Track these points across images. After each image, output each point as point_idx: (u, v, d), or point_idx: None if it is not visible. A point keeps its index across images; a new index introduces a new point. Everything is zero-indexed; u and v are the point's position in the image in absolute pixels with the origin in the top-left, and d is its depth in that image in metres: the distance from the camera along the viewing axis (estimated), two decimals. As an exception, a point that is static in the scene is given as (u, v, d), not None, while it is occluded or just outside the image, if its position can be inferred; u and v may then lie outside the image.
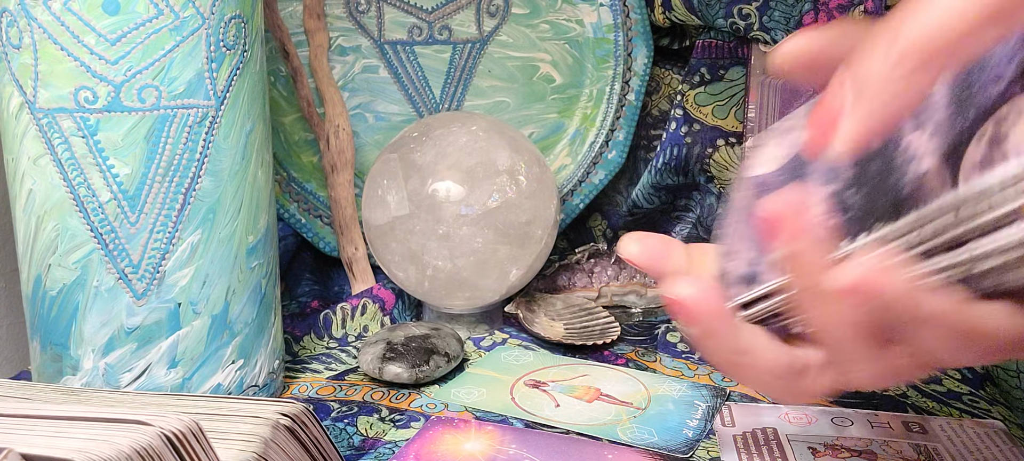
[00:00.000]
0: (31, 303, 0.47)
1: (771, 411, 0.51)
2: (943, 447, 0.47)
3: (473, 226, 0.58)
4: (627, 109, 0.71)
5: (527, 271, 0.62)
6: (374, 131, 0.71)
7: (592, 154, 0.71)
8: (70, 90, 0.43)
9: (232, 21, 0.46)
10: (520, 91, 0.71)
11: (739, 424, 0.50)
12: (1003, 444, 0.47)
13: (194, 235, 0.46)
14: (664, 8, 0.68)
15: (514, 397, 0.53)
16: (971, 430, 0.48)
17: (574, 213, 0.72)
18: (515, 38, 0.70)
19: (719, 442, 0.48)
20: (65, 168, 0.44)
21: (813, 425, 0.49)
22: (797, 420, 0.50)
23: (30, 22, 0.43)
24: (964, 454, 0.46)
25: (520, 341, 0.62)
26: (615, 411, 0.51)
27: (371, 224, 0.61)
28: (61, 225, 0.45)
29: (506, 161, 0.59)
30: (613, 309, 0.70)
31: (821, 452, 0.47)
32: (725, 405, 0.52)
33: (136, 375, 0.46)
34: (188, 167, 0.45)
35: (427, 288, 0.61)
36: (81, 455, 0.26)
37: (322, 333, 0.63)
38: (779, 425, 0.49)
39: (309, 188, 0.69)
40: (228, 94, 0.46)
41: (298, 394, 0.55)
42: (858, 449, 0.47)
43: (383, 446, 0.48)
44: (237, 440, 0.33)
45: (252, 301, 0.49)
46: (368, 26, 0.69)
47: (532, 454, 0.45)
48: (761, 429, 0.49)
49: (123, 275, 0.45)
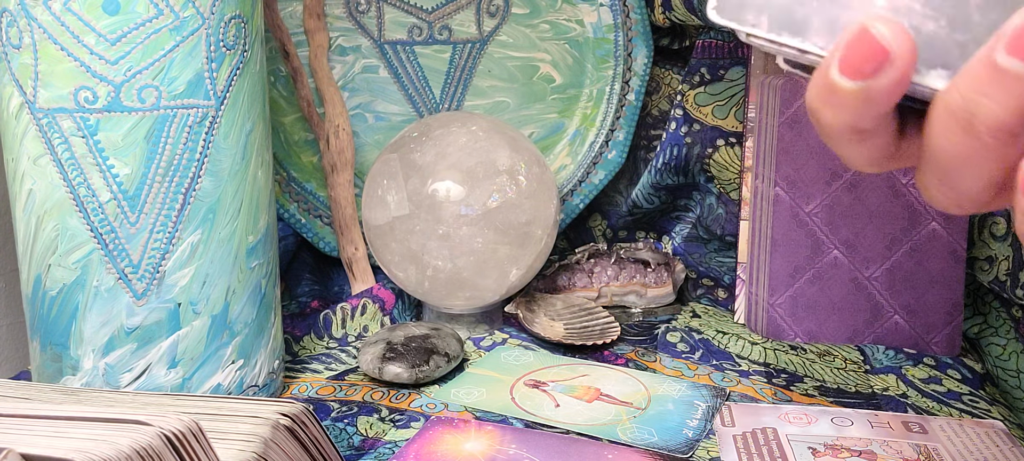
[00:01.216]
0: (31, 303, 0.47)
1: (771, 411, 0.51)
2: (943, 447, 0.47)
3: (473, 226, 0.58)
4: (627, 109, 0.71)
5: (527, 271, 0.62)
6: (374, 131, 0.71)
7: (592, 154, 0.71)
8: (70, 90, 0.43)
9: (232, 21, 0.46)
10: (520, 91, 0.71)
11: (739, 424, 0.50)
12: (1003, 444, 0.47)
13: (194, 235, 0.46)
14: (664, 8, 0.68)
15: (514, 397, 0.53)
16: (971, 430, 0.48)
17: (574, 213, 0.72)
18: (515, 38, 0.70)
19: (719, 442, 0.48)
20: (65, 168, 0.44)
21: (813, 425, 0.49)
22: (797, 420, 0.50)
23: (30, 22, 0.43)
24: (964, 454, 0.46)
25: (520, 341, 0.62)
26: (615, 411, 0.51)
27: (371, 224, 0.61)
28: (61, 225, 0.45)
29: (506, 161, 0.59)
30: (613, 309, 0.70)
31: (821, 452, 0.47)
32: (725, 405, 0.52)
33: (136, 375, 0.46)
34: (188, 167, 0.45)
35: (427, 288, 0.61)
36: (81, 455, 0.26)
37: (322, 333, 0.63)
38: (779, 425, 0.49)
39: (309, 188, 0.69)
40: (228, 94, 0.46)
41: (298, 394, 0.55)
42: (858, 449, 0.47)
43: (383, 446, 0.48)
44: (237, 440, 0.33)
45: (252, 301, 0.49)
46: (368, 26, 0.69)
47: (532, 454, 0.45)
48: (761, 429, 0.49)
49: (123, 275, 0.45)
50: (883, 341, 0.60)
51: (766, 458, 0.46)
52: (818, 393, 0.53)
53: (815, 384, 0.55)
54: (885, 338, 0.60)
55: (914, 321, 0.59)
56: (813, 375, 0.56)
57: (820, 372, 0.56)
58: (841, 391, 0.54)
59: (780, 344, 0.60)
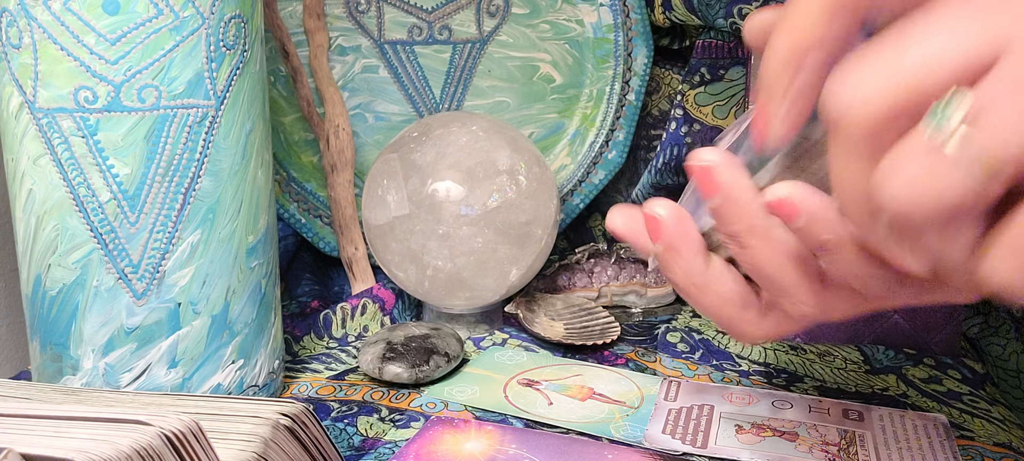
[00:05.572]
0: (31, 303, 0.47)
1: (717, 390, 0.51)
2: (871, 434, 0.47)
3: (473, 226, 0.58)
4: (627, 109, 0.71)
5: (527, 271, 0.62)
6: (374, 131, 0.71)
7: (592, 154, 0.71)
8: (70, 90, 0.43)
9: (232, 21, 0.46)
10: (520, 91, 0.71)
11: (681, 400, 0.50)
12: (936, 435, 0.47)
13: (194, 235, 0.46)
14: (664, 8, 0.68)
15: (507, 395, 0.53)
16: (910, 422, 0.48)
17: (574, 213, 0.72)
18: (515, 38, 0.70)
19: (652, 414, 0.48)
20: (65, 168, 0.44)
21: (752, 405, 0.50)
22: (739, 399, 0.51)
23: (30, 22, 0.43)
24: (890, 442, 0.46)
25: (520, 341, 0.62)
26: (608, 410, 0.51)
27: (371, 224, 0.61)
28: (61, 225, 0.45)
29: (506, 161, 0.59)
30: (613, 309, 0.70)
31: (746, 430, 0.47)
32: (675, 383, 0.52)
33: (136, 375, 0.46)
34: (188, 167, 0.45)
35: (427, 288, 0.61)
36: (81, 455, 0.26)
37: (322, 333, 0.63)
38: (718, 403, 0.50)
39: (309, 188, 0.69)
40: (228, 94, 0.46)
41: (298, 394, 0.55)
42: (783, 430, 0.47)
43: (383, 446, 0.48)
44: (237, 440, 0.33)
45: (252, 301, 0.49)
46: (368, 26, 0.69)
47: (532, 454, 0.45)
48: (699, 406, 0.50)
49: (123, 275, 0.45)
50: (883, 341, 0.60)
51: (689, 431, 0.47)
52: (818, 393, 0.53)
53: (815, 384, 0.55)
54: (885, 338, 0.60)
55: (914, 321, 0.59)
56: (813, 375, 0.56)
57: (820, 372, 0.56)
58: (841, 391, 0.54)
59: (780, 344, 0.60)
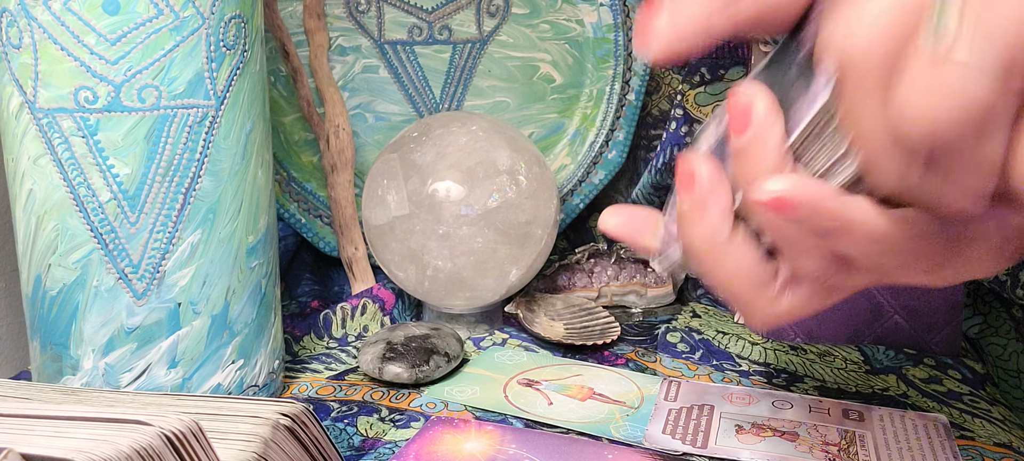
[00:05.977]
0: (31, 303, 0.47)
1: (718, 390, 0.51)
2: (872, 435, 0.47)
3: (473, 226, 0.58)
4: (627, 109, 0.71)
5: (527, 271, 0.62)
6: (374, 131, 0.71)
7: (592, 154, 0.71)
8: (70, 90, 0.43)
9: (232, 21, 0.46)
10: (520, 91, 0.71)
11: (681, 400, 0.50)
12: (936, 436, 0.47)
13: (194, 235, 0.46)
14: (664, 8, 0.68)
15: (507, 395, 0.53)
16: (910, 422, 0.48)
17: (574, 213, 0.72)
18: (515, 38, 0.70)
19: (652, 414, 0.48)
20: (65, 168, 0.44)
21: (752, 405, 0.50)
22: (739, 400, 0.51)
23: (30, 22, 0.43)
24: (890, 442, 0.46)
25: (520, 341, 0.62)
26: (608, 410, 0.51)
27: (371, 224, 0.61)
28: (61, 225, 0.45)
29: (506, 161, 0.59)
30: (613, 309, 0.70)
31: (745, 430, 0.47)
32: (675, 383, 0.52)
33: (136, 375, 0.46)
34: (188, 167, 0.45)
35: (427, 288, 0.61)
36: (81, 455, 0.26)
37: (322, 333, 0.63)
38: (718, 403, 0.50)
39: (309, 188, 0.69)
40: (228, 94, 0.46)
41: (298, 394, 0.55)
42: (783, 430, 0.47)
43: (383, 446, 0.48)
44: (237, 440, 0.33)
45: (252, 301, 0.49)
46: (368, 26, 0.69)
47: (532, 454, 0.45)
48: (699, 406, 0.49)
49: (123, 275, 0.45)
50: (883, 341, 0.60)
51: (689, 431, 0.46)
52: (818, 393, 0.53)
53: (815, 384, 0.55)
54: (885, 338, 0.60)
55: (914, 321, 0.59)
56: (813, 375, 0.56)
57: (820, 372, 0.56)
58: (841, 391, 0.54)
59: (780, 344, 0.60)
